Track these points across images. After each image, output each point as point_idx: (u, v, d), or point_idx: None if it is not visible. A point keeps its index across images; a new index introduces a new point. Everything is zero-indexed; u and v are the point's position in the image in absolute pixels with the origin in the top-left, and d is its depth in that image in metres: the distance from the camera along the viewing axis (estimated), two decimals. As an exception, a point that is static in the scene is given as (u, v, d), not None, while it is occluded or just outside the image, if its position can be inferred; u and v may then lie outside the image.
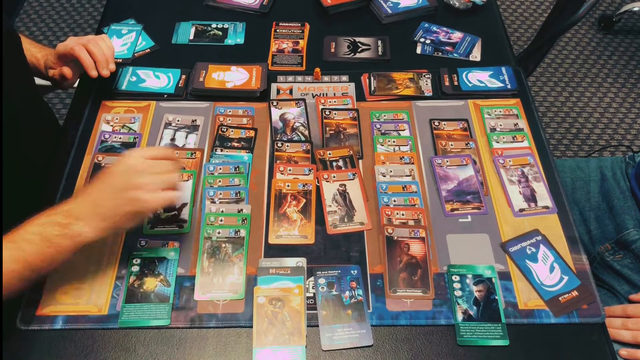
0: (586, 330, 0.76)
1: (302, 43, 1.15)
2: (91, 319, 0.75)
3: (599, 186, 1.09)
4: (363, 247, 0.84)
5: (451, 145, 0.97)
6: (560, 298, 0.78)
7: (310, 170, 0.93)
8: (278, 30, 1.18)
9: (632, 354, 0.86)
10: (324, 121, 1.00)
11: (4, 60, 0.82)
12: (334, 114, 1.01)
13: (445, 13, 1.23)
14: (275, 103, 1.03)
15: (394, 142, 0.97)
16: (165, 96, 1.04)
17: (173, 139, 0.97)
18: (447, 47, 1.14)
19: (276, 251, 0.83)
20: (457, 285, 0.79)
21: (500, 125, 1.00)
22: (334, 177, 0.92)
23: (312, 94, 1.05)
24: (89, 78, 0.97)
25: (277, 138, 0.98)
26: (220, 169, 0.92)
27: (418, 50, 1.14)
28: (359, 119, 1.01)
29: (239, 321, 0.76)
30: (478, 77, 1.07)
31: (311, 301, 0.78)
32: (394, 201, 0.89)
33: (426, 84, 1.06)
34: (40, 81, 1.05)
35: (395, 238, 0.84)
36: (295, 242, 0.84)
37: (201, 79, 1.05)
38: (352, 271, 0.81)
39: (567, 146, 1.99)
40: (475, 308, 0.77)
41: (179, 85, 1.05)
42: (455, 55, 1.13)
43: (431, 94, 1.05)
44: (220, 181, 0.91)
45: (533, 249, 0.83)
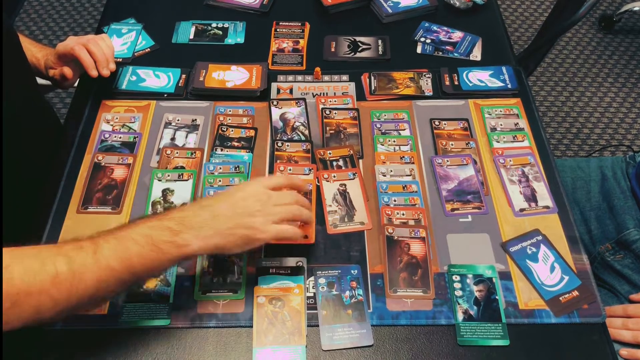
0: (587, 330, 0.76)
1: (303, 42, 1.15)
2: (91, 319, 0.75)
3: (600, 186, 1.09)
4: (363, 247, 0.84)
5: (451, 144, 0.97)
6: (560, 298, 0.78)
7: (310, 169, 0.93)
8: (278, 29, 1.18)
9: (633, 354, 0.86)
10: (324, 121, 1.00)
11: (5, 59, 0.82)
12: (334, 114, 1.01)
13: (445, 12, 1.22)
14: (275, 102, 1.03)
15: (394, 142, 0.97)
16: (165, 96, 1.04)
17: (173, 139, 0.97)
18: (448, 47, 1.14)
19: (276, 251, 0.83)
20: (458, 285, 0.79)
21: (500, 124, 1.00)
22: (334, 177, 0.92)
23: (313, 94, 1.05)
24: (89, 77, 0.97)
25: (277, 137, 0.98)
26: (220, 169, 0.92)
27: (418, 49, 1.14)
28: (359, 119, 1.01)
29: (239, 321, 0.76)
30: (478, 77, 1.07)
31: (311, 301, 0.78)
32: (394, 201, 0.88)
33: (426, 84, 1.06)
34: (40, 81, 1.05)
35: (395, 238, 0.84)
36: (295, 242, 0.84)
37: (201, 79, 1.05)
38: (353, 271, 0.81)
39: (568, 146, 1.99)
40: (475, 308, 0.77)
41: (179, 84, 1.05)
42: (455, 54, 1.13)
43: (431, 94, 1.05)
44: (220, 181, 0.90)
45: (533, 249, 0.83)
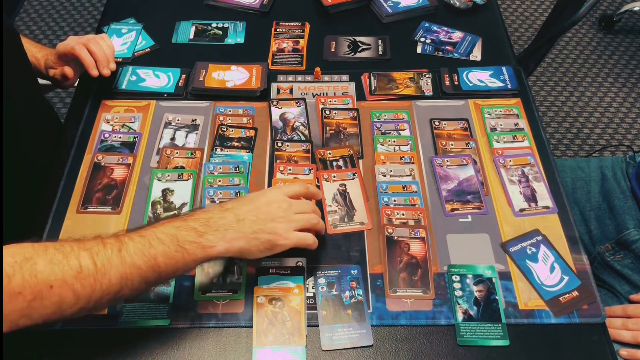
0: (586, 330, 0.76)
1: (303, 42, 1.15)
2: (91, 319, 0.75)
3: (600, 186, 1.09)
4: (363, 247, 0.84)
5: (451, 145, 0.97)
6: (560, 298, 0.78)
7: (310, 169, 0.93)
8: (278, 29, 1.17)
9: (633, 354, 0.86)
10: (324, 121, 1.00)
11: (6, 59, 0.82)
12: (334, 114, 1.01)
13: (445, 13, 1.22)
14: (275, 102, 1.03)
15: (394, 142, 0.97)
16: (165, 95, 1.04)
17: (173, 139, 0.97)
18: (448, 47, 1.14)
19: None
20: (458, 285, 0.79)
21: (500, 125, 1.00)
22: (334, 177, 0.92)
23: (313, 94, 1.05)
24: (89, 77, 0.97)
25: (277, 137, 0.98)
26: (220, 169, 0.92)
27: (418, 49, 1.14)
28: (359, 119, 1.01)
29: (239, 321, 0.76)
30: (478, 77, 1.07)
31: (311, 301, 0.78)
32: (394, 201, 0.88)
33: (426, 84, 1.06)
34: (40, 81, 1.05)
35: (395, 238, 0.84)
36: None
37: (201, 79, 1.05)
38: (352, 271, 0.81)
39: (568, 146, 1.99)
40: (475, 308, 0.77)
41: (179, 84, 1.05)
42: (455, 54, 1.13)
43: (431, 94, 1.05)
44: (220, 181, 0.90)
45: (533, 249, 0.83)
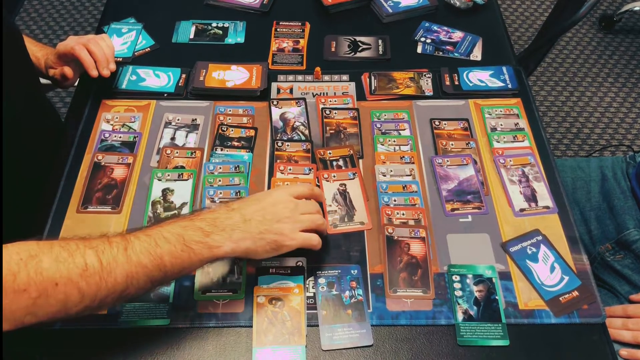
0: (587, 330, 0.76)
1: (303, 42, 1.15)
2: (91, 319, 0.75)
3: (600, 186, 1.09)
4: (363, 247, 0.84)
5: (452, 144, 0.97)
6: (560, 298, 0.78)
7: (310, 169, 0.93)
8: (278, 29, 1.17)
9: (633, 354, 0.86)
10: (324, 120, 1.00)
11: (8, 58, 0.82)
12: (335, 113, 1.01)
13: (445, 12, 1.22)
14: (275, 102, 1.03)
15: (395, 142, 0.97)
16: (165, 95, 1.04)
17: (173, 138, 0.97)
18: (448, 47, 1.14)
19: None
20: (458, 285, 0.79)
21: (500, 124, 1.00)
22: (334, 177, 0.92)
23: (313, 93, 1.05)
24: (89, 77, 0.97)
25: (277, 137, 0.98)
26: (220, 168, 0.92)
27: (419, 49, 1.14)
28: (360, 119, 1.01)
29: (239, 321, 0.76)
30: (479, 77, 1.07)
31: (311, 301, 0.78)
32: (394, 201, 0.88)
33: (427, 84, 1.06)
34: (40, 80, 1.05)
35: (395, 238, 0.84)
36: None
37: (201, 78, 1.05)
38: (352, 271, 0.81)
39: (568, 146, 1.99)
40: (475, 308, 0.77)
41: (179, 84, 1.05)
42: (455, 54, 1.13)
43: (432, 94, 1.05)
44: (220, 180, 0.90)
45: (533, 249, 0.83)
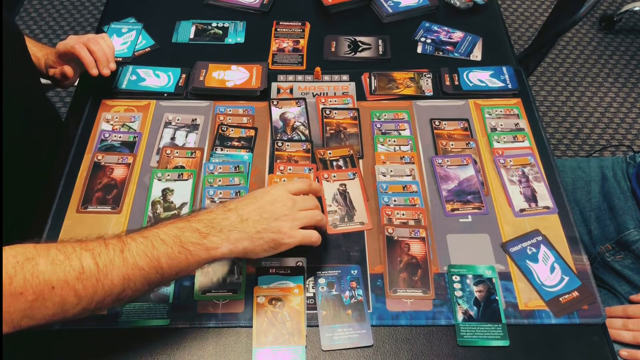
0: (587, 330, 0.76)
1: (303, 42, 1.15)
2: (91, 319, 0.74)
3: (600, 186, 1.09)
4: (363, 247, 0.84)
5: (452, 145, 0.97)
6: (560, 298, 0.78)
7: (310, 169, 0.93)
8: (278, 29, 1.17)
9: (633, 355, 0.86)
10: (325, 120, 1.00)
11: (9, 58, 0.82)
12: (335, 114, 1.01)
13: (446, 12, 1.22)
14: (275, 102, 1.03)
15: (395, 142, 0.97)
16: (165, 95, 1.04)
17: (173, 138, 0.97)
18: (448, 47, 1.14)
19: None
20: (458, 285, 0.79)
21: (500, 125, 1.00)
22: (334, 177, 0.92)
23: (313, 93, 1.05)
24: (89, 77, 0.97)
25: (278, 137, 0.98)
26: (220, 168, 0.92)
27: (419, 49, 1.14)
28: (360, 119, 1.01)
29: (239, 321, 0.76)
30: (479, 77, 1.07)
31: (311, 301, 0.78)
32: (394, 201, 0.88)
33: (427, 84, 1.06)
34: (41, 80, 1.05)
35: (395, 238, 0.84)
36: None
37: (201, 78, 1.05)
38: (352, 271, 0.81)
39: (568, 146, 1.99)
40: (475, 308, 0.77)
41: (179, 84, 1.05)
42: (456, 54, 1.13)
43: (432, 94, 1.05)
44: (220, 180, 0.90)
45: (533, 249, 0.83)
